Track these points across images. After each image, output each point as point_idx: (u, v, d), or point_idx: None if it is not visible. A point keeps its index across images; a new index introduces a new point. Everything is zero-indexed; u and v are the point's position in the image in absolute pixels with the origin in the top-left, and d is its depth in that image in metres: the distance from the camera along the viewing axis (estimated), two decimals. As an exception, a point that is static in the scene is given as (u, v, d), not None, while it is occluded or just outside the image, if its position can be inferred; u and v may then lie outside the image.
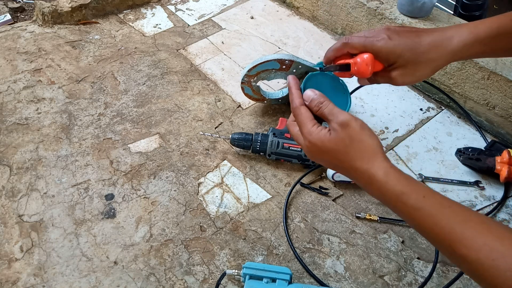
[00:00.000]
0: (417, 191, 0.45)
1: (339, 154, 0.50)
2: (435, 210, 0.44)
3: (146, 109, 1.09)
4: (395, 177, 0.47)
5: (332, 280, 0.77)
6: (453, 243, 0.42)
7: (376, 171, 0.47)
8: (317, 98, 0.53)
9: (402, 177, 0.47)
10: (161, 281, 0.76)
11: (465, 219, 0.42)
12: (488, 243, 0.40)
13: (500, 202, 0.87)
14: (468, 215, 0.43)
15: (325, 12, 1.34)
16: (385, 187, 0.47)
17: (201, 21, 1.40)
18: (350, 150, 0.49)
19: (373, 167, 0.48)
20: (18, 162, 0.95)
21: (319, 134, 0.51)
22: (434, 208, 0.44)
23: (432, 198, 0.45)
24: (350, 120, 0.49)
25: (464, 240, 0.41)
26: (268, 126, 1.05)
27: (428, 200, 0.45)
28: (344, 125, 0.49)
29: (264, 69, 0.98)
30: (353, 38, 0.59)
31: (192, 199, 0.89)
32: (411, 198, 0.45)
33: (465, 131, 1.03)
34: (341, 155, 0.50)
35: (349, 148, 0.49)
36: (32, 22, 1.38)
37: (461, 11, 1.57)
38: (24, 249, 0.80)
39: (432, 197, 0.45)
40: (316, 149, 0.51)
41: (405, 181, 0.46)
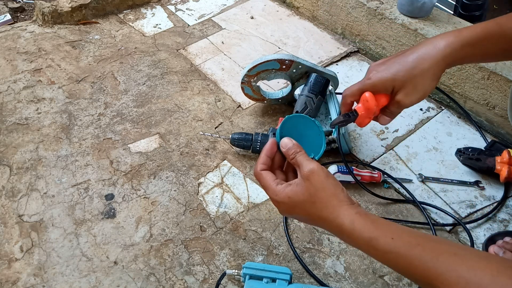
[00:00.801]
0: (384, 234, 0.46)
1: (307, 205, 0.50)
2: (406, 251, 0.44)
3: (146, 109, 1.09)
4: (361, 224, 0.47)
5: (332, 280, 0.77)
6: (429, 280, 0.42)
7: (342, 221, 0.48)
8: (293, 147, 0.53)
9: (369, 222, 0.47)
10: (161, 281, 0.76)
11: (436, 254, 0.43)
12: (462, 275, 0.40)
13: (500, 202, 0.87)
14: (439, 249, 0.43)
15: (325, 12, 1.34)
16: (353, 235, 0.47)
17: (201, 21, 1.40)
18: (316, 200, 0.49)
19: (339, 216, 0.48)
20: (18, 162, 0.95)
21: (285, 191, 0.52)
22: (404, 249, 0.44)
23: (400, 239, 0.45)
24: (315, 169, 0.50)
25: (439, 276, 0.41)
26: (268, 126, 1.05)
27: (397, 242, 0.45)
28: (309, 175, 0.50)
29: (264, 69, 0.98)
30: (349, 88, 0.64)
31: (192, 199, 0.89)
32: (380, 242, 0.45)
33: (465, 131, 1.03)
34: (308, 206, 0.50)
35: (315, 198, 0.49)
36: (32, 22, 1.38)
37: (461, 11, 1.57)
38: (24, 249, 0.80)
39: (400, 238, 0.45)
40: (286, 206, 0.52)
41: (372, 226, 0.47)
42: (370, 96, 0.61)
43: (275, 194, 0.52)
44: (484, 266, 0.40)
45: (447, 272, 0.41)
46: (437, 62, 0.58)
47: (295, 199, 0.51)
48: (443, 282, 0.41)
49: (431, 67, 0.57)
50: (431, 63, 0.57)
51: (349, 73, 1.20)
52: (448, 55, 0.57)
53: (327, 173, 0.51)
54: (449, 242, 0.45)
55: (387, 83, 0.60)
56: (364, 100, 0.62)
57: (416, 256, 0.43)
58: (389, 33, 1.16)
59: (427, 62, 0.58)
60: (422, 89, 0.59)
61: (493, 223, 0.85)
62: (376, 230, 0.46)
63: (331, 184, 0.50)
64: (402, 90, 0.60)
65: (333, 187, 0.50)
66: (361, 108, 0.63)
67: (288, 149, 0.54)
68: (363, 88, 0.62)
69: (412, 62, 0.58)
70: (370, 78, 0.61)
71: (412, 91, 0.59)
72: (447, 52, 0.57)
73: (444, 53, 0.57)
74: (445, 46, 0.57)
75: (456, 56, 0.58)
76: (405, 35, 1.12)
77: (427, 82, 0.59)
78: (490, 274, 0.39)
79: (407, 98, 0.60)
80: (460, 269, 0.40)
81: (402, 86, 0.59)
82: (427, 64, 0.58)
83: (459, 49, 0.57)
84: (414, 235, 0.46)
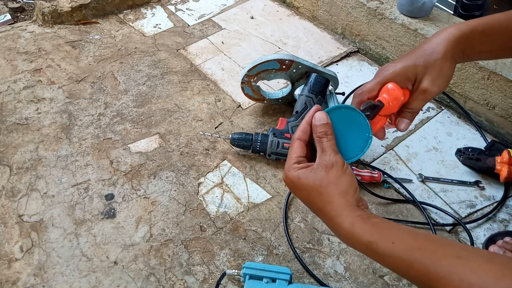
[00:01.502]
0: (385, 238, 0.45)
1: (313, 193, 0.49)
2: (407, 255, 0.43)
3: (146, 109, 1.09)
4: (361, 228, 0.46)
5: (332, 280, 0.77)
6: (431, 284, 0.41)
7: (342, 221, 0.47)
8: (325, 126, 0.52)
9: (369, 225, 0.46)
10: (161, 281, 0.76)
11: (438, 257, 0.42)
12: (465, 278, 0.39)
13: (500, 202, 0.87)
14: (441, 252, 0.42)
15: (325, 12, 1.34)
16: (352, 237, 0.47)
17: (201, 21, 1.40)
18: (323, 192, 0.49)
19: (340, 216, 0.48)
20: (18, 162, 0.95)
21: (298, 172, 0.51)
22: (405, 253, 0.44)
23: (401, 243, 0.44)
24: (336, 163, 0.49)
25: (441, 280, 0.40)
26: (268, 126, 1.05)
27: (398, 246, 0.44)
28: (327, 166, 0.49)
29: (264, 69, 0.98)
30: (365, 85, 0.58)
31: (192, 199, 0.89)
32: (380, 246, 0.45)
33: (465, 131, 1.03)
34: (314, 195, 0.49)
35: (323, 190, 0.49)
36: (32, 22, 1.38)
37: (461, 11, 1.57)
38: (24, 249, 0.80)
39: (401, 242, 0.44)
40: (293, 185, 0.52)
41: (372, 230, 0.46)
42: (394, 85, 0.55)
43: (288, 169, 0.52)
44: (487, 268, 0.39)
45: (449, 276, 0.40)
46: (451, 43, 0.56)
47: (303, 182, 0.50)
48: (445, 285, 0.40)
49: (448, 49, 0.56)
50: (447, 45, 0.56)
51: (349, 73, 1.20)
52: (459, 38, 0.56)
53: (345, 170, 0.49)
54: (452, 243, 0.44)
55: (408, 71, 0.55)
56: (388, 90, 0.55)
57: (418, 261, 0.43)
58: (389, 33, 1.16)
59: (443, 45, 0.56)
60: (446, 72, 0.56)
61: (493, 223, 0.85)
62: (376, 234, 0.46)
63: (346, 181, 0.49)
64: (427, 76, 0.56)
65: (346, 185, 0.49)
66: (386, 99, 0.55)
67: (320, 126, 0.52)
68: (382, 81, 0.56)
69: (429, 48, 0.56)
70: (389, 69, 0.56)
71: (438, 75, 0.56)
72: (458, 35, 0.56)
73: (455, 36, 0.56)
74: (455, 30, 0.57)
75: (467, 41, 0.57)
76: (405, 35, 1.12)
77: (448, 65, 0.56)
78: (494, 277, 0.38)
79: (434, 84, 0.56)
80: (462, 272, 0.40)
81: (426, 72, 0.56)
82: (443, 46, 0.56)
83: (469, 33, 0.56)
84: (416, 237, 0.45)
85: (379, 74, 0.57)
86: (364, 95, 0.57)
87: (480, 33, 0.57)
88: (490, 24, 0.57)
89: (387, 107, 0.55)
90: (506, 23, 0.57)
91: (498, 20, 0.58)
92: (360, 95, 0.57)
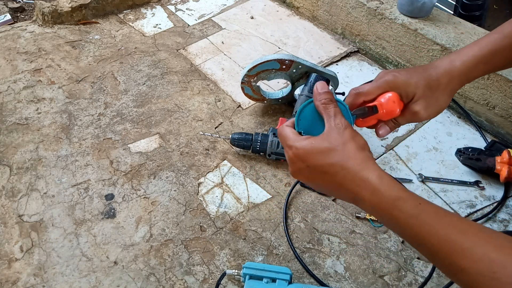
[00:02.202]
0: (412, 197, 0.44)
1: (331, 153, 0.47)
2: (432, 219, 0.42)
3: (146, 109, 1.09)
4: (389, 181, 0.44)
5: (332, 280, 0.77)
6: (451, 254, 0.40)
7: (368, 174, 0.45)
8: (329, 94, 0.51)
9: (396, 183, 0.45)
10: (161, 281, 0.76)
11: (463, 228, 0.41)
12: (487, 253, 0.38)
13: (500, 202, 0.87)
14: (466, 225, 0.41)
15: (325, 12, 1.34)
16: (379, 191, 0.44)
17: (201, 21, 1.40)
18: (342, 148, 0.46)
19: (366, 169, 0.45)
20: (18, 162, 0.95)
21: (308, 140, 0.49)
22: (430, 216, 0.42)
23: (427, 206, 0.43)
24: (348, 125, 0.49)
25: (463, 251, 0.39)
26: (268, 126, 1.05)
27: (424, 208, 0.43)
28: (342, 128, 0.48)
29: (264, 69, 0.98)
30: (364, 86, 0.57)
31: (192, 199, 0.89)
32: (407, 203, 0.43)
33: (465, 131, 1.03)
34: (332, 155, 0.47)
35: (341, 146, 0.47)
36: (32, 22, 1.38)
37: (461, 11, 1.57)
38: (24, 249, 0.80)
39: (428, 205, 0.43)
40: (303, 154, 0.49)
41: (400, 187, 0.45)
42: (396, 97, 0.55)
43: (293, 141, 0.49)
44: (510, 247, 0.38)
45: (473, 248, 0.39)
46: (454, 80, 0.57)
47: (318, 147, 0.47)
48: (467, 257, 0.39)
49: (450, 83, 0.57)
50: (450, 80, 0.57)
51: (349, 73, 1.20)
52: (463, 73, 0.57)
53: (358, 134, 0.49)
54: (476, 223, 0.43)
55: (410, 88, 0.56)
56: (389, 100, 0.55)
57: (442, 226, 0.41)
58: (389, 33, 1.16)
59: (446, 78, 0.57)
60: (441, 104, 0.58)
61: (493, 223, 0.85)
62: (404, 192, 0.44)
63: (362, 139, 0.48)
64: (422, 101, 0.56)
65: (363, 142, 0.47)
66: (383, 106, 0.55)
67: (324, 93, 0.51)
68: (382, 88, 0.56)
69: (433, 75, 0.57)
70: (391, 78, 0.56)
71: (433, 104, 0.57)
72: (462, 69, 0.57)
73: (460, 70, 0.57)
74: (460, 65, 0.57)
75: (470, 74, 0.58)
76: (405, 35, 1.12)
77: (445, 98, 0.58)
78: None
79: (426, 111, 0.57)
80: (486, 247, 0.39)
81: (423, 97, 0.56)
82: (446, 79, 0.57)
83: (472, 67, 0.58)
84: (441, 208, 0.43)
85: (380, 79, 0.57)
86: (361, 97, 0.57)
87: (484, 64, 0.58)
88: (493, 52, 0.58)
89: (380, 114, 0.56)
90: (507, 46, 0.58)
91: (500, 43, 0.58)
92: (356, 96, 0.57)
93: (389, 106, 0.55)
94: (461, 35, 1.05)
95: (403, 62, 1.17)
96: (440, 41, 1.04)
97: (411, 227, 0.43)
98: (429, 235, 0.42)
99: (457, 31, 1.06)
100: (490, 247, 0.39)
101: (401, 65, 1.18)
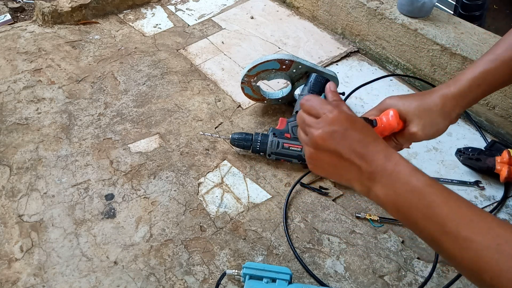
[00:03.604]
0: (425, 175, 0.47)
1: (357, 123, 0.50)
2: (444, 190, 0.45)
3: (146, 109, 1.09)
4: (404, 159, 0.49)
5: (332, 280, 0.77)
6: (459, 226, 0.42)
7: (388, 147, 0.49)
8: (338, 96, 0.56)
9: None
10: (161, 281, 0.76)
11: (470, 205, 0.44)
12: (493, 227, 0.40)
13: (500, 202, 0.87)
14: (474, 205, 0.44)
15: (325, 12, 1.34)
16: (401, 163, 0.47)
17: (201, 21, 1.40)
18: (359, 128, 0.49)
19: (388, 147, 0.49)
20: (18, 162, 0.95)
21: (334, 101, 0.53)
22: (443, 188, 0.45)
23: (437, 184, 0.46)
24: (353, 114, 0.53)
25: (471, 223, 0.41)
26: (268, 126, 1.05)
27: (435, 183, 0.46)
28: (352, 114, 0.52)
29: (264, 69, 0.98)
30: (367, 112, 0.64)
31: (192, 199, 0.89)
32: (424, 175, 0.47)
33: (465, 131, 1.03)
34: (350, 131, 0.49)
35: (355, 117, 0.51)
36: (32, 22, 1.38)
37: (461, 11, 1.57)
38: (24, 249, 0.80)
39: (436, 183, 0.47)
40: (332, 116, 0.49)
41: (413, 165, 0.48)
42: (395, 113, 0.61)
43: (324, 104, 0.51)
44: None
45: (480, 221, 0.41)
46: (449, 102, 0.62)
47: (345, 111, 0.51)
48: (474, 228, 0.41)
49: (445, 105, 0.61)
50: (444, 102, 0.61)
51: (349, 73, 1.20)
52: (458, 96, 0.62)
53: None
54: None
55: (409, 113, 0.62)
56: (387, 116, 0.61)
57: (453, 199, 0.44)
58: (389, 33, 1.16)
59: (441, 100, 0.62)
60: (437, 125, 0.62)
61: (493, 223, 0.85)
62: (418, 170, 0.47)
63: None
64: (419, 122, 0.61)
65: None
66: (382, 121, 0.61)
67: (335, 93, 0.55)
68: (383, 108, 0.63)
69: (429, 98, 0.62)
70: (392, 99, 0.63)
71: (430, 125, 0.61)
72: (457, 93, 0.62)
73: (454, 93, 0.62)
74: (455, 88, 0.62)
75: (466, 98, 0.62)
76: (405, 35, 1.12)
77: (441, 120, 0.62)
78: None
79: (423, 131, 0.61)
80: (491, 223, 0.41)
81: (418, 118, 0.61)
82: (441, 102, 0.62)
83: (467, 90, 0.62)
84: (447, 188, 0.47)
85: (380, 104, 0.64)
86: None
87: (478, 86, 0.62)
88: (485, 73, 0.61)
89: (379, 127, 0.61)
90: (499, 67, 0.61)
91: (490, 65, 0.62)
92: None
93: (388, 120, 0.61)
94: (461, 35, 1.05)
95: (403, 62, 1.17)
96: (440, 41, 1.04)
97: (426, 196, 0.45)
98: (442, 204, 0.44)
99: (457, 31, 1.06)
100: (495, 223, 0.41)
101: (401, 65, 1.18)
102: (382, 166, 0.48)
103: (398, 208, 0.48)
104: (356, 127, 0.49)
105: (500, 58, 0.61)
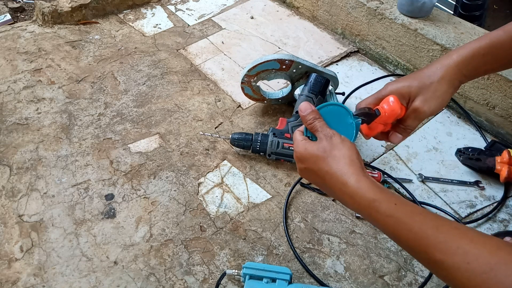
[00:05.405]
0: (388, 199, 0.47)
1: (319, 160, 0.52)
2: (407, 217, 0.45)
3: (146, 109, 1.09)
4: (367, 185, 0.48)
5: (332, 280, 0.77)
6: (427, 249, 0.42)
7: (348, 178, 0.49)
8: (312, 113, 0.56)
9: (374, 186, 0.48)
10: (161, 281, 0.76)
11: (437, 224, 0.43)
12: (462, 246, 0.40)
13: (500, 202, 0.87)
14: (441, 221, 0.44)
15: (325, 12, 1.34)
16: (357, 194, 0.48)
17: (201, 21, 1.40)
18: (329, 155, 0.51)
19: (346, 174, 0.49)
20: (18, 162, 0.95)
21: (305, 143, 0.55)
22: (406, 215, 0.45)
23: (403, 206, 0.46)
24: (334, 134, 0.54)
25: (438, 245, 0.42)
26: (268, 126, 1.05)
27: (400, 208, 0.46)
28: (329, 136, 0.53)
29: (264, 69, 0.98)
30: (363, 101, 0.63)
31: (192, 199, 0.89)
32: (382, 205, 0.46)
33: (465, 131, 1.03)
34: (320, 161, 0.52)
35: (328, 154, 0.52)
36: (32, 22, 1.38)
37: (461, 11, 1.57)
38: (24, 249, 0.80)
39: (404, 205, 0.46)
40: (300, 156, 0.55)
41: (377, 189, 0.48)
42: (395, 99, 0.59)
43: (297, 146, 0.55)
44: (483, 241, 0.40)
45: (447, 242, 0.41)
46: (451, 69, 0.59)
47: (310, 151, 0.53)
48: (442, 250, 0.41)
49: (446, 74, 0.59)
50: (446, 70, 0.59)
51: (349, 73, 1.20)
52: (460, 62, 0.59)
53: (344, 139, 0.53)
54: (451, 220, 0.46)
55: (403, 89, 0.60)
56: (387, 102, 0.59)
57: (417, 224, 0.44)
58: (389, 33, 1.16)
59: (442, 70, 0.60)
60: (440, 95, 0.59)
61: (493, 223, 0.85)
62: (381, 194, 0.47)
63: (347, 146, 0.52)
64: (420, 97, 0.59)
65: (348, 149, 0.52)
66: (384, 109, 0.59)
67: (308, 114, 0.56)
68: (378, 97, 0.61)
69: (428, 72, 0.60)
70: (387, 88, 0.61)
71: (431, 97, 0.59)
72: (459, 60, 0.59)
73: (456, 61, 0.59)
74: (457, 56, 0.60)
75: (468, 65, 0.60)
76: (405, 35, 1.12)
77: (444, 88, 0.59)
78: (489, 249, 0.39)
79: (426, 105, 0.59)
80: (460, 241, 0.41)
81: (419, 93, 0.59)
82: (442, 71, 0.59)
83: (469, 58, 0.59)
84: (417, 206, 0.47)
85: (379, 90, 0.62)
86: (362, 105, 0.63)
87: (482, 55, 0.59)
88: (491, 45, 0.59)
89: (383, 116, 0.59)
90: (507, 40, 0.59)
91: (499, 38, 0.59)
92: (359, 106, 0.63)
93: (390, 106, 0.59)
94: (461, 35, 1.05)
95: (403, 62, 1.17)
96: (440, 41, 1.04)
97: (389, 226, 0.46)
98: (405, 233, 0.45)
99: (457, 31, 1.06)
100: (464, 241, 0.41)
101: (401, 65, 1.18)
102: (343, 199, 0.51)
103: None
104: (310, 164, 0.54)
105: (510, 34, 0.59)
